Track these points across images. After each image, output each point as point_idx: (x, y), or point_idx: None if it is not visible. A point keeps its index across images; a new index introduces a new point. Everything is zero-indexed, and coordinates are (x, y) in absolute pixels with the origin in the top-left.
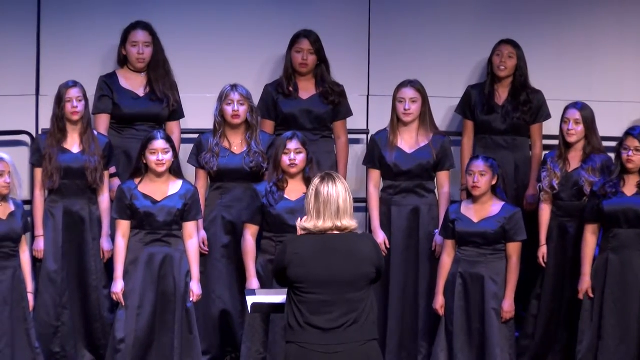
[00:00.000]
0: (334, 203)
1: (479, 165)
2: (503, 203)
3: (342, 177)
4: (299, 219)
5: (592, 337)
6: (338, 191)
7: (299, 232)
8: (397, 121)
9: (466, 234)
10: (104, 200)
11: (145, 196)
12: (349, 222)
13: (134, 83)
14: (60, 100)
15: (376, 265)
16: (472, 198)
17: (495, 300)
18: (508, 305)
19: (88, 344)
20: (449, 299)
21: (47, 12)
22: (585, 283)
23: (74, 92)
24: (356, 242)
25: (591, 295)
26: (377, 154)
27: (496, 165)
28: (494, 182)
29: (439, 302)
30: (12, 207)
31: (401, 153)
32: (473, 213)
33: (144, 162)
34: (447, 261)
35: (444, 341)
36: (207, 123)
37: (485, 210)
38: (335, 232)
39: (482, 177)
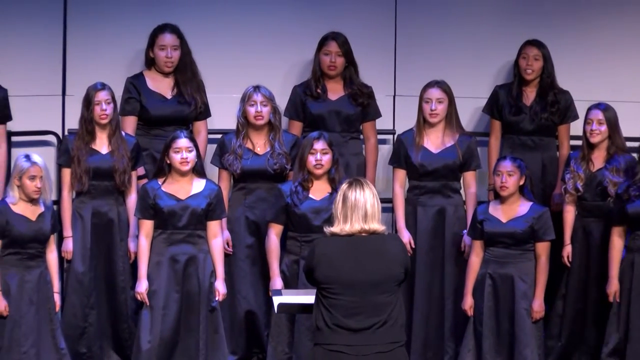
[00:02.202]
0: (362, 208)
1: (507, 165)
2: (531, 203)
3: (372, 178)
4: (325, 226)
5: (619, 339)
6: (366, 197)
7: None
8: (423, 121)
9: (495, 234)
10: (132, 201)
11: (169, 195)
12: (377, 226)
13: (161, 85)
14: (88, 102)
15: (404, 265)
16: (500, 198)
17: (525, 300)
18: (538, 305)
19: (114, 344)
20: (478, 299)
21: (73, 13)
22: (614, 285)
23: (102, 95)
24: (384, 242)
25: (618, 300)
26: (403, 154)
27: (524, 165)
28: (521, 183)
29: (468, 302)
30: (41, 208)
31: (427, 153)
32: (501, 213)
33: (168, 161)
34: (475, 261)
35: (472, 342)
36: (234, 123)
37: (514, 210)
38: (364, 234)
39: (510, 178)
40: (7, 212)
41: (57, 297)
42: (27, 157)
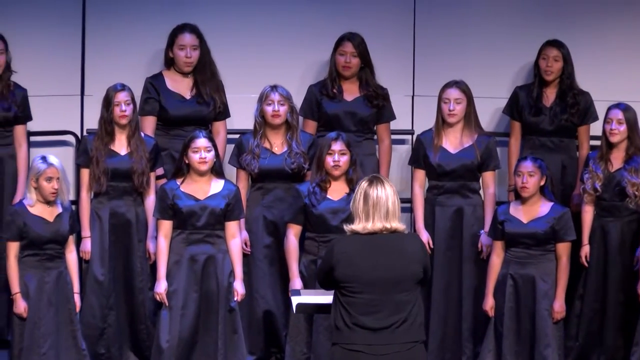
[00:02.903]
0: (384, 205)
1: (528, 166)
2: (552, 203)
3: None
4: (346, 225)
5: None
6: (387, 194)
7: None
8: (442, 122)
9: (516, 234)
10: (150, 202)
11: (188, 195)
12: (398, 224)
13: (181, 85)
14: (108, 103)
15: (423, 264)
16: (521, 199)
17: (546, 301)
18: (559, 306)
19: (133, 345)
20: (499, 300)
21: (92, 12)
22: None
23: (122, 96)
24: (403, 241)
25: None
26: (421, 154)
27: (545, 166)
28: (542, 183)
29: (489, 303)
30: (59, 209)
31: (445, 153)
32: (522, 214)
33: (186, 161)
34: (496, 262)
35: (493, 342)
36: (252, 123)
37: (535, 210)
38: (385, 232)
39: (530, 178)
40: (25, 213)
41: (77, 298)
42: (44, 158)
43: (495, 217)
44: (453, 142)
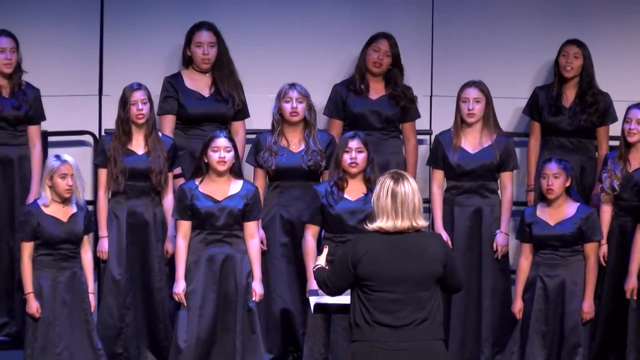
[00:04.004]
0: (411, 202)
1: (553, 167)
2: (578, 204)
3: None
4: (368, 223)
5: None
6: (414, 189)
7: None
8: (460, 122)
9: (544, 237)
10: (168, 201)
11: (206, 196)
12: (423, 221)
13: (199, 84)
14: (125, 103)
15: (443, 263)
16: (547, 201)
17: (577, 302)
18: (588, 306)
19: (151, 345)
20: (528, 302)
21: (110, 12)
22: (632, 283)
23: (138, 95)
24: (424, 241)
25: (635, 297)
26: (440, 154)
27: (569, 167)
28: (567, 184)
29: (518, 305)
30: (74, 209)
31: (464, 153)
32: (549, 216)
33: (205, 161)
34: (525, 265)
35: (518, 344)
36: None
37: (561, 212)
38: (411, 231)
39: (556, 180)
40: (39, 213)
41: (92, 298)
42: (58, 156)
43: (522, 219)
44: (472, 142)
